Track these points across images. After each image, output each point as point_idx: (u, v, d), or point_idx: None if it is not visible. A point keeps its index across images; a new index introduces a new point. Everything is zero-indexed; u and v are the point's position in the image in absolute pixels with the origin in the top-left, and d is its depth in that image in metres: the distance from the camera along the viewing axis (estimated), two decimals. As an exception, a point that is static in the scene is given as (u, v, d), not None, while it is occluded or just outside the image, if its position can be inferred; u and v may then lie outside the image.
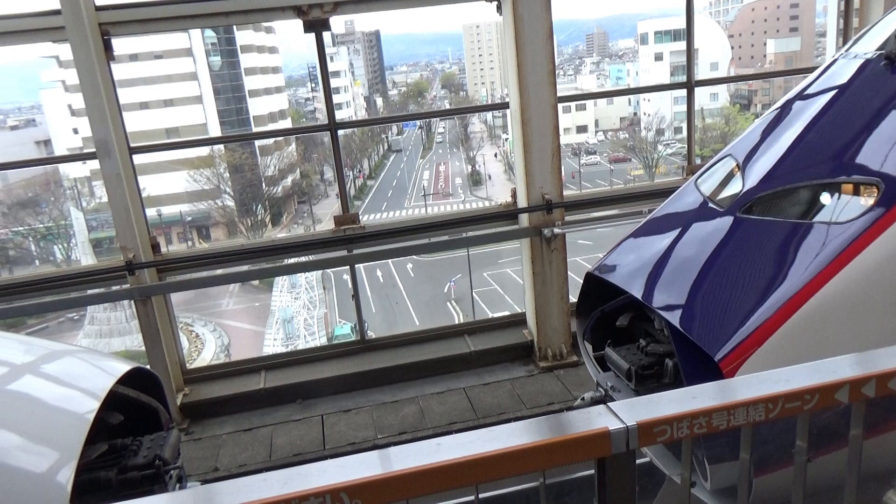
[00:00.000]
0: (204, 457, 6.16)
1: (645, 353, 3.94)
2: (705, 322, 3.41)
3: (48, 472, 2.77)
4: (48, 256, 36.54)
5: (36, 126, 50.94)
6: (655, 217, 4.54)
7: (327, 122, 7.11)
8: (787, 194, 3.81)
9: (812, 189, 3.74)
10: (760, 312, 3.16)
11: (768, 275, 3.43)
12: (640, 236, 4.49)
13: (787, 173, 3.90)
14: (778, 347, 3.06)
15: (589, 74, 66.13)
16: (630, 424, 1.53)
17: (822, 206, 3.64)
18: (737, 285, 3.52)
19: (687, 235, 4.05)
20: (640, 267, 4.11)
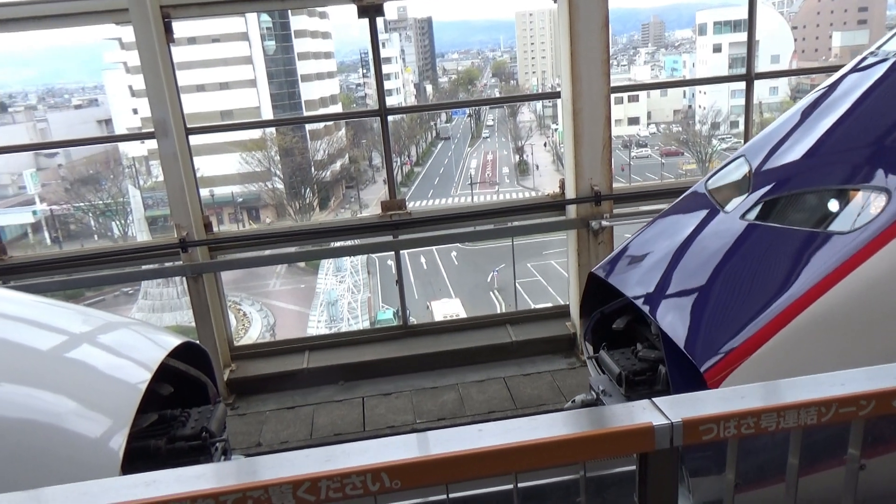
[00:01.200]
0: (248, 432, 6.32)
1: (638, 359, 3.86)
2: (695, 329, 3.28)
3: (102, 438, 2.87)
4: (106, 232, 37.93)
5: (98, 106, 52.75)
6: (662, 217, 4.42)
7: (378, 107, 7.15)
8: (792, 200, 3.65)
9: (818, 195, 3.58)
10: (750, 323, 3.03)
11: (763, 284, 3.28)
12: (644, 237, 4.39)
13: (796, 178, 3.74)
14: (766, 360, 2.93)
15: (643, 65, 64.75)
16: (675, 421, 1.50)
17: (825, 214, 3.46)
18: (731, 293, 3.39)
19: (688, 239, 3.92)
20: (638, 269, 4.03)
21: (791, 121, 4.26)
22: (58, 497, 1.46)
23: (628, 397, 3.76)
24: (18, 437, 2.73)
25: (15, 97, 58.75)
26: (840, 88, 4.17)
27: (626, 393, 3.77)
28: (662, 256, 3.92)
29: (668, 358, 3.31)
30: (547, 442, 1.50)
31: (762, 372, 2.90)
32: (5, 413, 2.82)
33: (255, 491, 1.37)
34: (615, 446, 1.52)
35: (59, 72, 67.60)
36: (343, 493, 1.39)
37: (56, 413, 2.92)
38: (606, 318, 4.21)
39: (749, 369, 2.91)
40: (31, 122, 49.15)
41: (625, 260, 4.24)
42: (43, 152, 42.54)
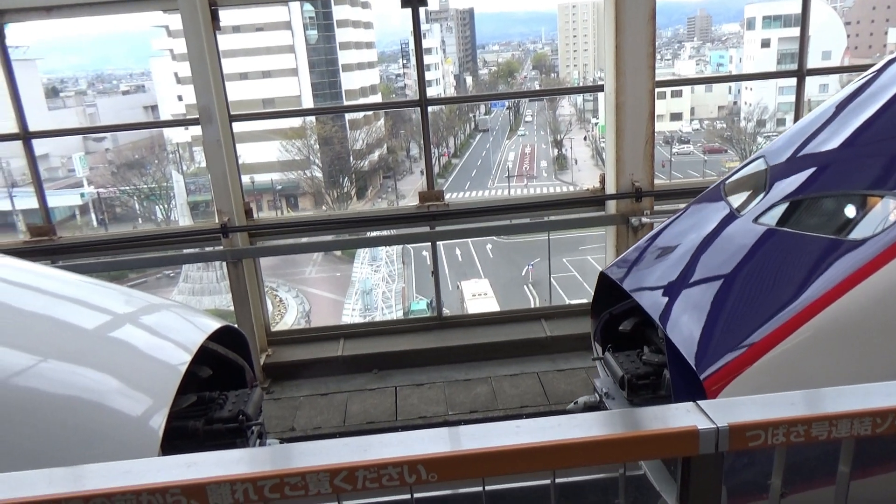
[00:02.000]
0: (282, 416, 6.41)
1: (643, 362, 3.77)
2: (699, 335, 3.17)
3: (143, 417, 2.93)
4: (150, 216, 38.87)
5: (145, 92, 54.02)
6: (676, 218, 4.29)
7: (418, 97, 7.14)
8: (808, 204, 3.50)
9: (835, 201, 3.42)
10: (754, 332, 2.92)
11: (770, 291, 3.15)
12: (657, 237, 4.27)
13: (815, 181, 3.58)
14: (767, 371, 2.83)
15: (688, 59, 63.45)
16: (721, 425, 1.46)
17: (841, 220, 3.31)
18: (736, 299, 3.27)
19: (698, 241, 3.80)
20: (647, 270, 3.93)
21: (816, 121, 4.07)
22: (100, 474, 1.48)
23: (631, 401, 3.69)
24: (64, 413, 2.80)
25: (66, 82, 60.52)
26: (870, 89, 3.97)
27: (629, 397, 3.69)
28: (672, 258, 3.83)
29: (671, 363, 3.23)
30: (587, 442, 1.47)
31: (762, 383, 2.81)
32: (52, 389, 2.89)
33: (292, 477, 1.38)
34: (657, 449, 1.48)
35: (109, 58, 69.35)
36: (379, 483, 1.39)
37: (100, 391, 2.98)
38: (615, 319, 4.13)
39: (749, 380, 2.81)
40: (81, 106, 50.61)
41: (635, 261, 4.15)
42: (91, 136, 43.77)
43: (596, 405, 3.98)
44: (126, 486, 1.38)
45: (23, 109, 6.74)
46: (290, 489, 1.38)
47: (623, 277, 3.98)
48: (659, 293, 3.62)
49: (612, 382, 3.88)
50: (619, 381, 3.73)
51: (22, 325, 3.23)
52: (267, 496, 1.38)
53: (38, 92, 45.07)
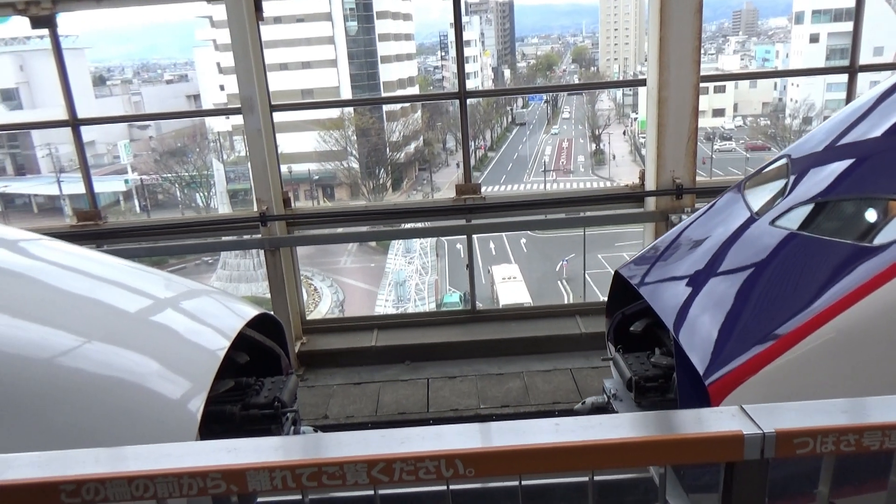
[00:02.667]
0: (315, 404, 6.49)
1: (652, 364, 3.69)
2: (707, 339, 3.08)
3: (182, 400, 2.99)
4: (190, 203, 39.65)
5: (188, 81, 55.06)
6: (694, 218, 4.18)
7: (457, 90, 7.11)
8: (827, 207, 3.35)
9: (855, 204, 3.26)
10: (762, 337, 2.82)
11: (782, 296, 3.04)
12: (673, 237, 4.17)
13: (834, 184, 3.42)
14: (774, 379, 2.74)
15: (732, 54, 62.03)
16: (768, 431, 1.41)
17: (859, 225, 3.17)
18: (748, 303, 3.15)
19: (713, 243, 3.68)
20: (661, 271, 3.85)
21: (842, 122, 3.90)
22: (141, 456, 1.51)
23: (639, 403, 3.63)
24: (107, 394, 2.87)
25: (113, 71, 62.04)
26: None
27: (637, 399, 3.63)
28: (686, 260, 3.75)
29: (678, 366, 3.16)
30: (627, 442, 1.44)
31: (768, 391, 2.74)
32: (96, 370, 2.97)
33: (330, 466, 1.38)
34: (700, 452, 1.44)
35: (154, 48, 70.83)
36: (416, 476, 1.39)
37: (141, 373, 3.04)
38: (628, 320, 4.06)
39: (754, 387, 2.73)
40: (127, 95, 51.87)
41: (650, 260, 4.07)
42: (136, 124, 44.83)
43: (604, 406, 3.93)
44: (168, 468, 1.40)
45: (72, 97, 6.92)
46: (327, 478, 1.38)
47: (636, 277, 3.92)
48: (671, 295, 3.55)
49: (622, 383, 3.83)
50: (627, 383, 3.68)
51: (69, 306, 3.32)
52: (305, 484, 1.39)
53: (87, 80, 46.32)
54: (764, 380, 2.73)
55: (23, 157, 46.26)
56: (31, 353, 2.89)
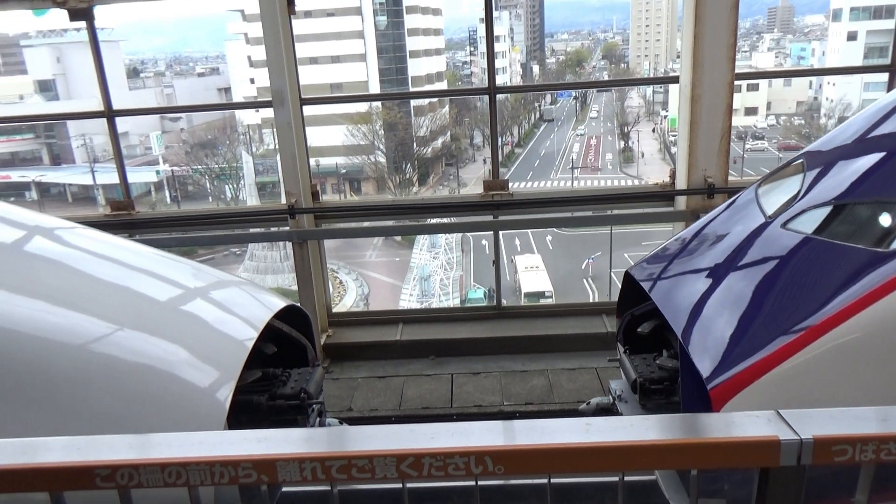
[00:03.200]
0: (340, 396, 6.53)
1: (658, 367, 3.63)
2: (712, 343, 3.01)
3: (210, 388, 3.02)
4: (219, 194, 40.17)
5: (219, 74, 55.72)
6: (707, 219, 4.10)
7: (486, 85, 7.08)
8: (839, 210, 3.24)
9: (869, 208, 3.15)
10: (767, 343, 2.76)
11: (789, 300, 2.96)
12: (684, 238, 4.10)
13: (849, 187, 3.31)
14: (775, 386, 2.67)
15: (767, 52, 60.84)
16: (805, 437, 1.38)
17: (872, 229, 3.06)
18: (755, 307, 3.07)
19: (723, 244, 3.61)
20: (670, 271, 3.78)
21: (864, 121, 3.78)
22: (174, 443, 1.53)
23: (644, 405, 3.59)
24: (138, 381, 2.92)
25: (146, 63, 63.05)
26: None
27: (642, 401, 3.59)
28: (696, 261, 3.69)
29: (683, 369, 3.12)
30: (659, 445, 1.42)
31: (771, 397, 2.67)
32: (128, 357, 3.02)
33: (359, 459, 1.38)
34: (734, 457, 1.42)
35: (186, 41, 71.80)
36: (445, 472, 1.38)
37: (171, 361, 3.09)
38: (638, 320, 3.99)
39: (756, 393, 2.67)
40: (159, 87, 52.69)
41: (661, 261, 4.00)
42: (168, 116, 45.54)
43: (609, 407, 3.90)
44: (200, 456, 1.41)
45: (108, 89, 7.03)
46: (356, 471, 1.39)
47: (646, 278, 3.86)
48: (678, 296, 3.50)
49: (628, 385, 3.79)
50: (632, 385, 3.64)
51: (103, 294, 3.38)
52: (334, 476, 1.40)
53: (121, 72, 47.16)
54: (766, 386, 2.69)
55: (58, 147, 47.33)
56: (65, 339, 2.95)
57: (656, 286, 3.71)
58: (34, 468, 1.46)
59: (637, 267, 4.11)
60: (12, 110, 43.28)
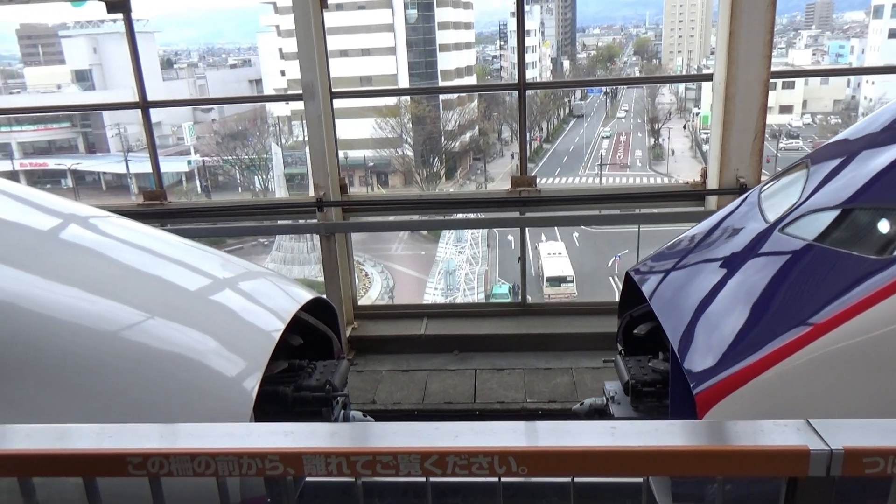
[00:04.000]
0: (363, 388, 6.58)
1: (651, 369, 3.60)
2: (702, 347, 2.98)
3: (237, 378, 3.07)
4: (248, 185, 40.65)
5: (251, 66, 56.28)
6: (709, 221, 4.07)
7: (516, 81, 7.04)
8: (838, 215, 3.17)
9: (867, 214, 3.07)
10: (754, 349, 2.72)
11: (780, 307, 2.92)
12: (685, 239, 4.05)
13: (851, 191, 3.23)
14: (761, 392, 2.64)
15: (804, 49, 59.54)
16: (835, 448, 1.36)
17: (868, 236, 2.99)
18: (746, 312, 3.03)
19: (721, 247, 3.59)
20: (667, 273, 3.75)
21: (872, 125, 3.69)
22: (203, 434, 1.56)
23: (636, 407, 3.59)
24: (165, 369, 2.97)
25: (180, 55, 63.95)
26: None
27: (634, 403, 3.59)
28: (693, 264, 3.66)
29: (673, 372, 3.10)
30: (684, 451, 1.41)
31: (756, 404, 2.65)
32: (156, 345, 3.08)
33: (384, 456, 1.40)
34: (761, 465, 1.40)
35: (219, 32, 72.60)
36: (469, 470, 1.39)
37: (199, 350, 3.14)
38: (636, 322, 3.96)
39: (741, 399, 2.64)
40: (192, 78, 53.42)
41: (660, 262, 3.99)
42: (200, 107, 46.15)
43: (602, 408, 3.87)
44: (229, 447, 1.44)
45: (143, 80, 7.15)
46: (381, 467, 1.40)
47: (644, 279, 3.84)
48: (673, 299, 3.47)
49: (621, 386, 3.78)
50: (624, 387, 3.63)
51: (134, 283, 3.45)
52: (359, 471, 1.41)
53: (155, 63, 47.91)
54: (751, 392, 2.66)
55: (94, 135, 48.31)
56: (97, 326, 3.01)
57: (653, 288, 3.70)
58: (69, 454, 1.50)
59: (637, 268, 4.11)
60: (50, 99, 44.29)
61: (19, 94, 50.72)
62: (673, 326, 3.22)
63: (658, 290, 3.65)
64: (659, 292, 3.62)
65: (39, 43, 61.27)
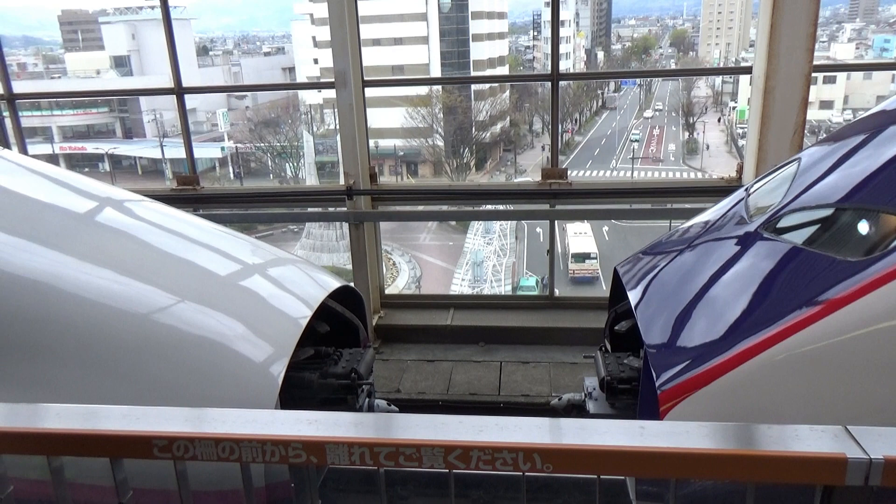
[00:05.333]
0: (389, 377, 6.61)
1: (627, 366, 3.57)
2: (671, 346, 2.97)
3: (264, 363, 3.10)
4: (280, 172, 41.00)
5: (284, 54, 56.65)
6: (697, 218, 4.01)
7: (550, 71, 6.96)
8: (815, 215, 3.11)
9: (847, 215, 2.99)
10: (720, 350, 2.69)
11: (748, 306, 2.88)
12: (672, 236, 4.02)
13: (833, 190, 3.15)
14: (723, 393, 2.60)
15: (847, 42, 57.85)
16: (875, 457, 1.31)
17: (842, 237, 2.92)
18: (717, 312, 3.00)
19: (704, 244, 3.54)
20: (650, 270, 3.71)
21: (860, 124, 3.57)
22: (228, 419, 1.57)
23: (612, 404, 3.57)
24: (194, 352, 3.01)
25: (215, 42, 64.65)
26: None
27: (609, 400, 3.57)
28: (675, 260, 3.61)
29: (644, 370, 3.07)
30: (715, 454, 1.37)
31: (717, 405, 2.62)
32: (186, 328, 3.12)
33: (407, 448, 1.39)
34: (795, 472, 1.35)
35: (254, 20, 73.24)
36: (493, 466, 1.37)
37: (227, 335, 3.18)
38: (621, 318, 3.95)
39: (702, 400, 2.61)
40: (227, 65, 53.99)
41: (645, 257, 3.95)
42: (234, 94, 46.65)
43: (580, 404, 3.87)
44: (253, 434, 1.44)
45: (179, 67, 7.23)
46: (404, 458, 1.39)
47: (628, 275, 3.83)
48: (651, 295, 3.47)
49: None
50: (600, 383, 3.61)
51: (166, 266, 3.50)
52: (382, 462, 1.41)
53: (191, 50, 48.52)
54: (713, 392, 2.63)
55: (131, 121, 49.17)
56: (129, 308, 3.06)
57: (634, 283, 3.70)
58: (97, 434, 1.52)
59: (624, 263, 4.09)
60: (89, 84, 45.14)
61: (60, 79, 51.85)
62: (647, 323, 3.22)
63: (638, 285, 3.66)
64: (639, 288, 3.63)
65: (80, 29, 62.45)
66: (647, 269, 3.81)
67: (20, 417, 1.61)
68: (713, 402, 2.64)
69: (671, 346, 3.01)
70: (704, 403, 2.63)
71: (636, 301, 3.46)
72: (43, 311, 2.89)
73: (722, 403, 2.65)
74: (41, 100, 43.52)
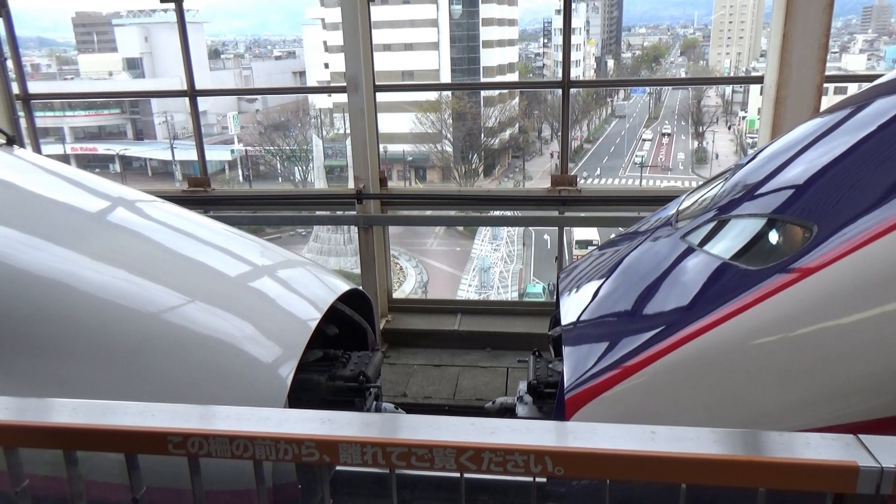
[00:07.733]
0: (396, 381, 6.61)
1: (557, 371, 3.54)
2: (584, 350, 3.01)
3: (273, 364, 3.12)
4: (289, 176, 41.18)
5: (295, 58, 56.96)
6: (637, 223, 4.05)
7: (560, 79, 6.97)
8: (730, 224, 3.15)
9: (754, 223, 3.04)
10: (625, 356, 2.72)
11: (656, 313, 2.95)
12: (610, 241, 4.08)
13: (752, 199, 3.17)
14: (623, 398, 2.63)
15: (858, 54, 57.69)
16: (887, 466, 1.31)
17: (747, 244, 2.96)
18: (630, 317, 3.06)
19: (629, 252, 3.56)
20: (583, 274, 3.76)
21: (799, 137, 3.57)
22: (242, 417, 1.58)
23: (539, 408, 3.58)
24: (204, 352, 3.03)
25: (227, 45, 65.08)
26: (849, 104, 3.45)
27: (537, 403, 3.58)
28: (605, 267, 3.64)
29: (563, 375, 3.05)
30: (726, 460, 1.37)
31: (618, 409, 2.63)
32: (196, 328, 3.14)
33: (420, 448, 1.40)
34: (805, 480, 1.35)
35: (265, 24, 73.69)
36: (504, 468, 1.38)
37: (237, 336, 3.19)
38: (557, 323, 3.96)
39: (603, 404, 2.63)
40: (238, 69, 54.36)
41: (583, 263, 3.99)
42: (245, 97, 46.94)
43: (512, 408, 3.86)
44: (267, 432, 1.46)
45: (192, 69, 7.29)
46: (416, 459, 1.40)
47: (565, 281, 3.88)
48: (577, 300, 3.51)
49: None
50: (527, 387, 3.63)
51: (177, 266, 3.53)
52: (394, 462, 1.42)
53: (203, 53, 48.86)
54: (615, 398, 2.65)
55: (142, 122, 49.55)
56: (141, 308, 3.09)
57: (566, 288, 3.74)
58: (112, 430, 1.54)
59: (567, 268, 4.15)
60: (102, 86, 45.54)
61: (73, 81, 52.32)
62: (568, 329, 3.28)
63: (569, 290, 3.71)
64: (568, 293, 3.68)
65: (94, 31, 63.06)
66: (578, 274, 3.88)
67: (37, 412, 1.63)
68: (613, 408, 2.67)
69: (584, 351, 3.05)
70: (605, 408, 2.66)
71: (565, 307, 3.52)
72: (58, 308, 2.92)
73: (622, 408, 2.68)
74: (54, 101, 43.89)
